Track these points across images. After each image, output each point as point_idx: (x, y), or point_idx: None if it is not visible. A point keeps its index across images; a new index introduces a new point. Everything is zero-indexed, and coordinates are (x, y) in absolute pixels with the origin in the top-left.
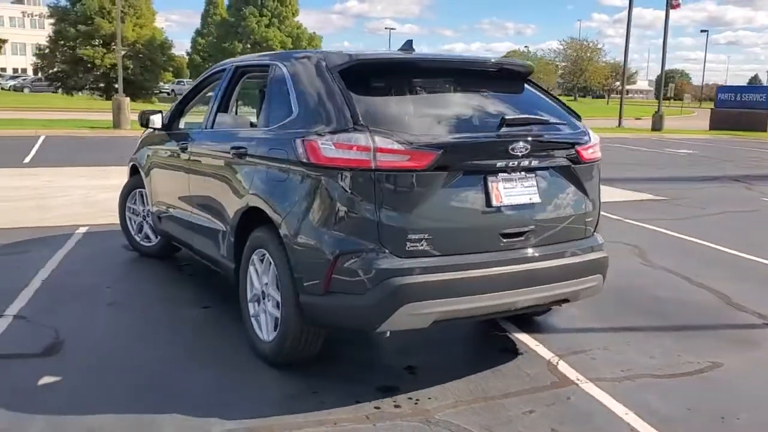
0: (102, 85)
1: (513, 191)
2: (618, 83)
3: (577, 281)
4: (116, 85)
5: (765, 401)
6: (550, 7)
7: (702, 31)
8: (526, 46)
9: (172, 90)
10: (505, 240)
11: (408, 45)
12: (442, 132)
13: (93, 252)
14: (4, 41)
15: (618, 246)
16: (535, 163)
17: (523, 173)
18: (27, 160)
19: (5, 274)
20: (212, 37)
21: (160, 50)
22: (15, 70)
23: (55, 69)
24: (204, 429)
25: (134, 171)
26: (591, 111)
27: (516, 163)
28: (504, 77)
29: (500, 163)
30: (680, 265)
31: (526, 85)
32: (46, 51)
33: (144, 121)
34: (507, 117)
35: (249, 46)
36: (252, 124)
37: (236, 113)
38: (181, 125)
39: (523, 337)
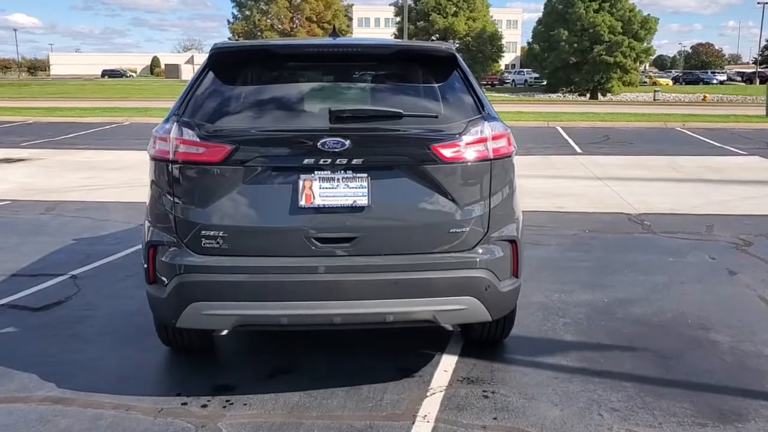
0: None
1: (332, 192)
2: None
3: (429, 301)
4: None
5: None
6: None
7: None
8: None
9: (513, 80)
10: (321, 245)
11: (333, 33)
12: (251, 124)
13: None
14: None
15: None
16: (361, 161)
17: (350, 172)
18: None
19: (125, 241)
20: (541, 26)
21: (489, 42)
22: None
23: None
24: (29, 389)
25: None
26: None
27: (329, 160)
28: (388, 62)
29: (309, 160)
30: None
31: (422, 71)
32: None
33: None
34: (334, 110)
35: (576, 35)
36: None
37: None
38: None
39: (447, 359)
